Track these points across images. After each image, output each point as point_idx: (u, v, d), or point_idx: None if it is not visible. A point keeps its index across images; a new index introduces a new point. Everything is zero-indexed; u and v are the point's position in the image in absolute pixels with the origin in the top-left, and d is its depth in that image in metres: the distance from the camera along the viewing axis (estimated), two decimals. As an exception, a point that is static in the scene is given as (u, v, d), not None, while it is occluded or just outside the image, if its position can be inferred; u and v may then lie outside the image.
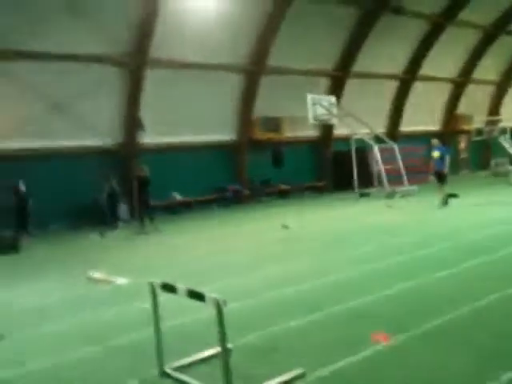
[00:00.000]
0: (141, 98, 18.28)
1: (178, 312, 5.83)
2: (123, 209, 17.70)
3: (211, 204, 20.78)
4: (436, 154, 15.50)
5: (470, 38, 27.71)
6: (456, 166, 30.30)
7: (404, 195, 19.28)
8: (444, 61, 27.04)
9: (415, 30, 24.74)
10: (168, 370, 4.50)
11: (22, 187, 15.46)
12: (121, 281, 8.58)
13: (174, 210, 19.55)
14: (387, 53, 24.45)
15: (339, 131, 23.27)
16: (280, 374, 4.22)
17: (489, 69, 30.09)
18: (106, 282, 8.58)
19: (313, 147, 24.38)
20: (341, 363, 4.48)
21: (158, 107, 18.79)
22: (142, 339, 5.26)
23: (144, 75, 18.12)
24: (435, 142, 15.88)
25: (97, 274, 9.07)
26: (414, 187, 20.05)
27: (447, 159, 15.53)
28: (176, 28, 18.00)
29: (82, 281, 8.72)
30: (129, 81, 18.13)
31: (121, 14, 16.99)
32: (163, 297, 4.62)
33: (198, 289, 7.08)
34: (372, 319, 5.59)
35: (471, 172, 30.07)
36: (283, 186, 23.10)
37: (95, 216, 17.14)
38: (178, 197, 20.06)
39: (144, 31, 17.46)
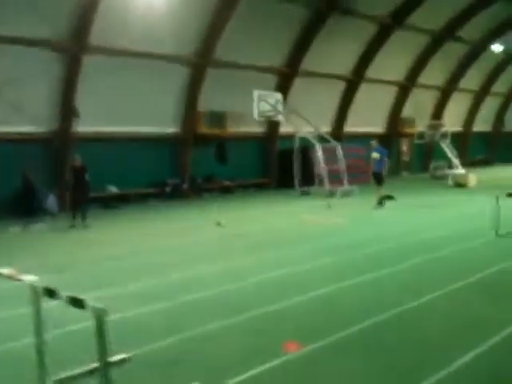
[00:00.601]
0: (79, 85, 17.45)
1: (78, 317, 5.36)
2: (51, 201, 16.88)
3: (149, 198, 20.19)
4: (375, 155, 15.57)
5: (418, 43, 28.16)
6: (397, 168, 30.93)
7: (344, 195, 19.32)
8: (391, 64, 27.38)
9: (364, 31, 24.88)
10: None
11: None
12: (29, 278, 7.98)
13: (109, 203, 18.81)
14: (336, 53, 24.52)
15: (286, 129, 23.13)
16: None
17: (434, 74, 30.73)
18: (13, 279, 7.97)
19: (258, 144, 24.15)
20: (243, 376, 4.18)
21: (97, 95, 17.99)
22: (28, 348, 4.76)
23: (83, 62, 17.29)
24: (374, 143, 15.95)
25: (5, 270, 8.42)
26: (354, 187, 20.15)
27: (386, 161, 15.62)
28: (120, 15, 17.25)
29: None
30: (67, 67, 17.26)
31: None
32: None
33: (104, 291, 6.75)
34: (286, 326, 5.33)
35: (412, 174, 30.68)
36: (227, 183, 22.77)
37: (20, 208, 16.29)
38: (113, 189, 19.33)
39: (84, 16, 16.62)
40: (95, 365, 4.23)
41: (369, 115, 28.15)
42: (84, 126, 17.65)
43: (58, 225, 13.96)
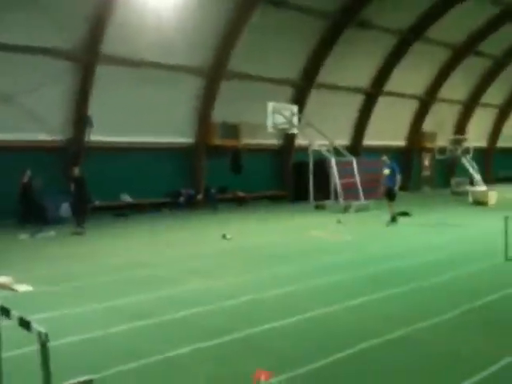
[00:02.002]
0: (92, 94, 17.59)
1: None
2: (65, 208, 16.97)
3: (163, 208, 20.18)
4: (386, 171, 15.21)
5: (439, 56, 27.74)
6: (418, 183, 30.39)
7: (358, 210, 18.97)
8: (410, 77, 26.98)
9: (382, 44, 24.60)
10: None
11: None
12: (22, 288, 7.95)
13: (122, 211, 18.83)
14: (353, 66, 24.25)
15: (302, 141, 22.94)
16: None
17: (456, 88, 30.19)
18: (7, 288, 7.93)
19: (273, 156, 23.99)
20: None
21: (111, 105, 18.12)
22: None
23: (96, 71, 17.44)
24: (385, 159, 15.57)
25: (1, 279, 8.40)
26: (369, 202, 19.77)
27: (398, 177, 15.25)
28: (134, 26, 17.38)
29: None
30: (80, 76, 17.43)
31: (74, 7, 16.31)
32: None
33: (87, 306, 6.64)
34: (263, 352, 5.09)
35: (433, 190, 30.08)
36: (241, 194, 22.63)
37: (38, 214, 16.44)
38: (127, 198, 19.38)
39: (98, 27, 16.81)
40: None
41: (388, 129, 27.74)
42: (98, 136, 17.75)
43: (67, 232, 14.02)
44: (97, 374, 4.45)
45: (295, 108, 21.30)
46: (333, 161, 19.96)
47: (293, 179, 24.15)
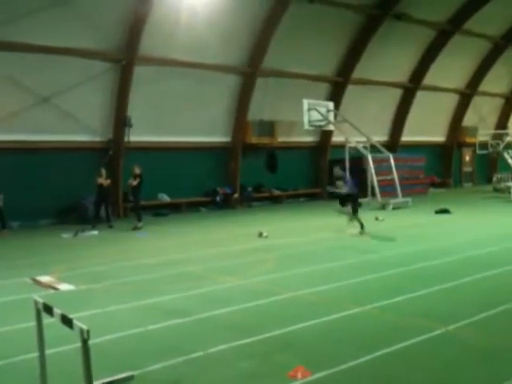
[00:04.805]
0: (130, 95, 17.90)
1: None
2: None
3: (200, 206, 20.38)
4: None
5: (479, 49, 26.97)
6: (459, 179, 29.68)
7: (396, 207, 18.68)
8: (450, 71, 26.32)
9: (420, 37, 24.06)
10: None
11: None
12: (65, 287, 8.17)
13: (161, 211, 19.12)
14: (390, 60, 23.83)
15: (338, 138, 22.73)
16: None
17: (498, 81, 29.28)
18: (49, 287, 8.17)
19: (309, 153, 23.85)
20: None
21: (148, 105, 18.41)
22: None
23: (134, 72, 17.72)
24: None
25: (44, 278, 8.66)
26: (408, 199, 19.44)
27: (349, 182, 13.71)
28: (169, 26, 17.56)
29: (24, 283, 8.30)
30: (118, 77, 17.75)
31: (113, 9, 16.63)
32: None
33: (120, 305, 6.74)
34: (297, 351, 5.08)
35: (475, 186, 29.32)
36: (276, 192, 22.62)
37: (80, 213, 16.90)
38: (165, 198, 19.65)
39: (135, 27, 17.06)
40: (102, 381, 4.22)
41: (428, 124, 27.15)
42: (136, 136, 18.05)
43: (108, 231, 14.34)
44: (137, 370, 4.55)
45: (331, 104, 21.15)
46: (370, 157, 19.70)
47: (329, 177, 23.95)
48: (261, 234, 12.79)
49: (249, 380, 4.44)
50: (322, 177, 23.86)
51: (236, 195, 21.13)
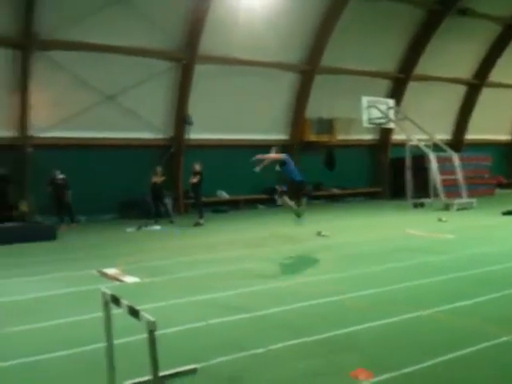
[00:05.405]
0: (191, 93, 18.24)
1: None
2: (168, 203, 17.77)
3: (258, 204, 20.52)
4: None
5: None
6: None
7: (460, 208, 18.05)
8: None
9: (484, 32, 23.18)
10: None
11: (59, 177, 15.62)
12: (130, 279, 8.43)
13: (220, 207, 19.42)
14: (454, 56, 23.08)
15: (399, 136, 22.26)
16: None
17: None
18: (115, 279, 8.45)
19: (369, 151, 23.49)
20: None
21: (208, 103, 18.73)
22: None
23: (195, 70, 18.06)
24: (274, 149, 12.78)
25: (110, 270, 8.97)
26: (473, 200, 18.74)
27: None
28: (228, 24, 17.81)
29: (91, 275, 8.63)
30: (179, 76, 18.14)
31: (174, 9, 17.02)
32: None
33: (182, 299, 6.89)
34: (358, 352, 5.01)
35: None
36: (335, 190, 22.43)
37: (142, 209, 17.41)
38: (224, 195, 19.93)
39: (196, 26, 17.39)
40: (166, 372, 4.33)
41: (492, 121, 26.11)
42: (195, 133, 18.39)
43: (171, 226, 14.76)
44: (200, 363, 4.64)
45: (391, 102, 20.74)
46: (432, 156, 19.14)
47: (389, 176, 23.50)
48: (319, 233, 12.72)
49: (310, 378, 4.42)
50: (382, 175, 23.42)
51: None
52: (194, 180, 15.53)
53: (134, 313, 3.78)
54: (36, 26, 15.32)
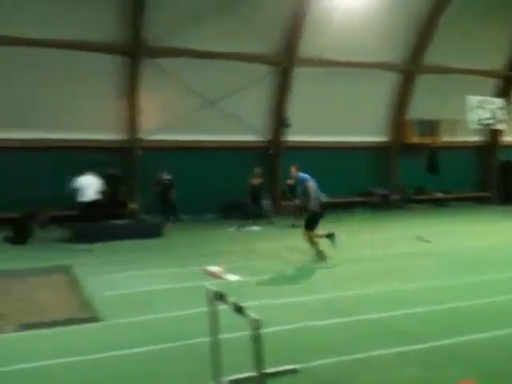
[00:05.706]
0: (289, 96, 18.37)
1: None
2: (267, 205, 17.98)
3: (355, 207, 20.16)
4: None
5: None
6: None
7: None
8: None
9: None
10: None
11: (166, 178, 16.35)
12: (232, 278, 8.65)
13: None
14: None
15: (510, 138, 20.91)
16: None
17: None
18: (217, 277, 8.71)
19: (475, 154, 22.24)
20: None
21: (305, 105, 18.70)
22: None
23: (293, 74, 18.15)
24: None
25: (213, 268, 9.24)
26: None
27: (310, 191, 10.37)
28: (325, 26, 17.66)
29: (195, 272, 8.96)
30: (278, 79, 18.32)
31: (272, 14, 17.21)
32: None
33: (282, 299, 6.94)
34: (466, 363, 4.78)
35: None
36: (439, 195, 21.48)
37: (241, 210, 17.75)
38: (323, 197, 19.78)
39: (294, 31, 17.47)
40: (268, 370, 4.41)
41: None
42: (293, 136, 18.49)
43: (268, 227, 15.12)
44: (301, 363, 4.67)
45: (501, 101, 19.47)
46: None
47: (498, 179, 22.10)
48: (420, 238, 12.26)
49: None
50: (490, 179, 22.09)
51: (394, 196, 20.48)
52: (291, 182, 15.43)
53: (238, 310, 3.90)
54: (144, 33, 16.15)
